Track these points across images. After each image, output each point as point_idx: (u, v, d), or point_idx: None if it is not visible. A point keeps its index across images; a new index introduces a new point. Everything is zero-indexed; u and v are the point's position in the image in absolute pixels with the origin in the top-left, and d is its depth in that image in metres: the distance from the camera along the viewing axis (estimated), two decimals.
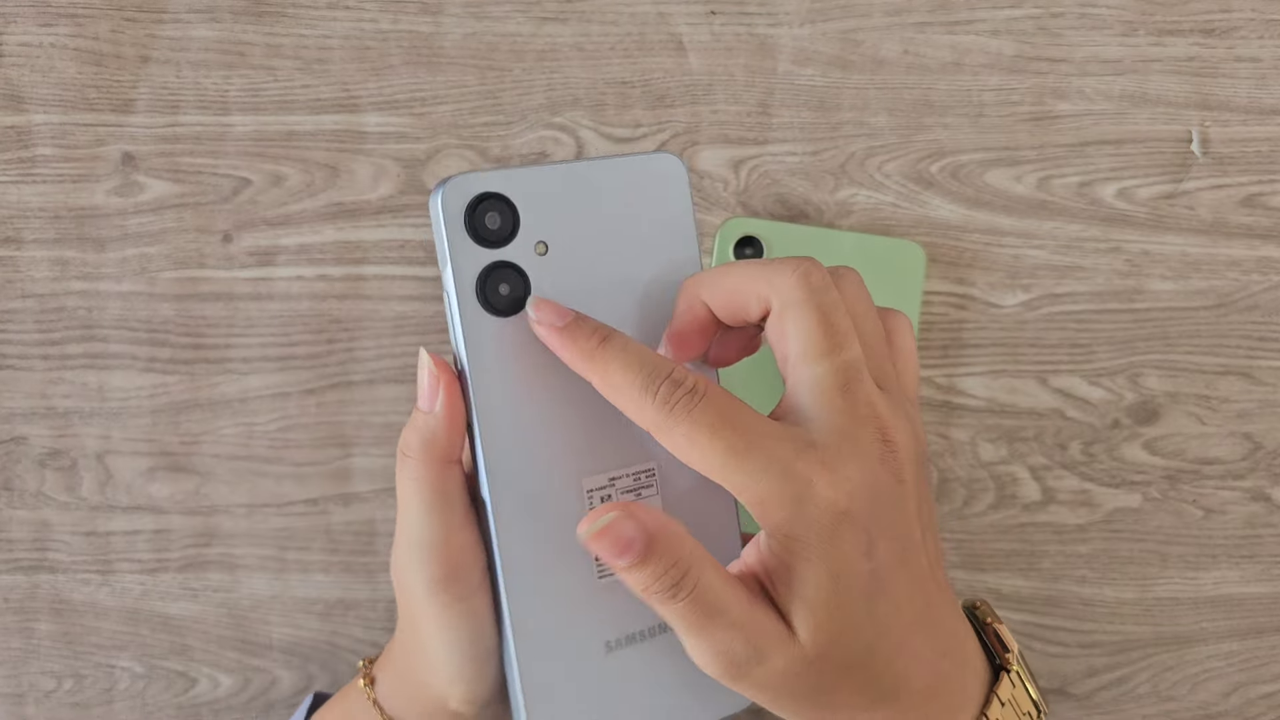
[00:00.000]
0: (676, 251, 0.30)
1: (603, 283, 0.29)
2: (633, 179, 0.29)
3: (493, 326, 0.28)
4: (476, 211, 0.28)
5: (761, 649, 0.25)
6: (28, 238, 0.42)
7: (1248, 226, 0.44)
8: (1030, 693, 0.30)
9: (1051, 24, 0.44)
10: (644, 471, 0.29)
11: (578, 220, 0.29)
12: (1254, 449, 0.44)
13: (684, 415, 0.26)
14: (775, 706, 0.27)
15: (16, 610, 0.43)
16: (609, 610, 0.29)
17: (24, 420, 0.43)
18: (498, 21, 0.43)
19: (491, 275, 0.28)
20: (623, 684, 0.29)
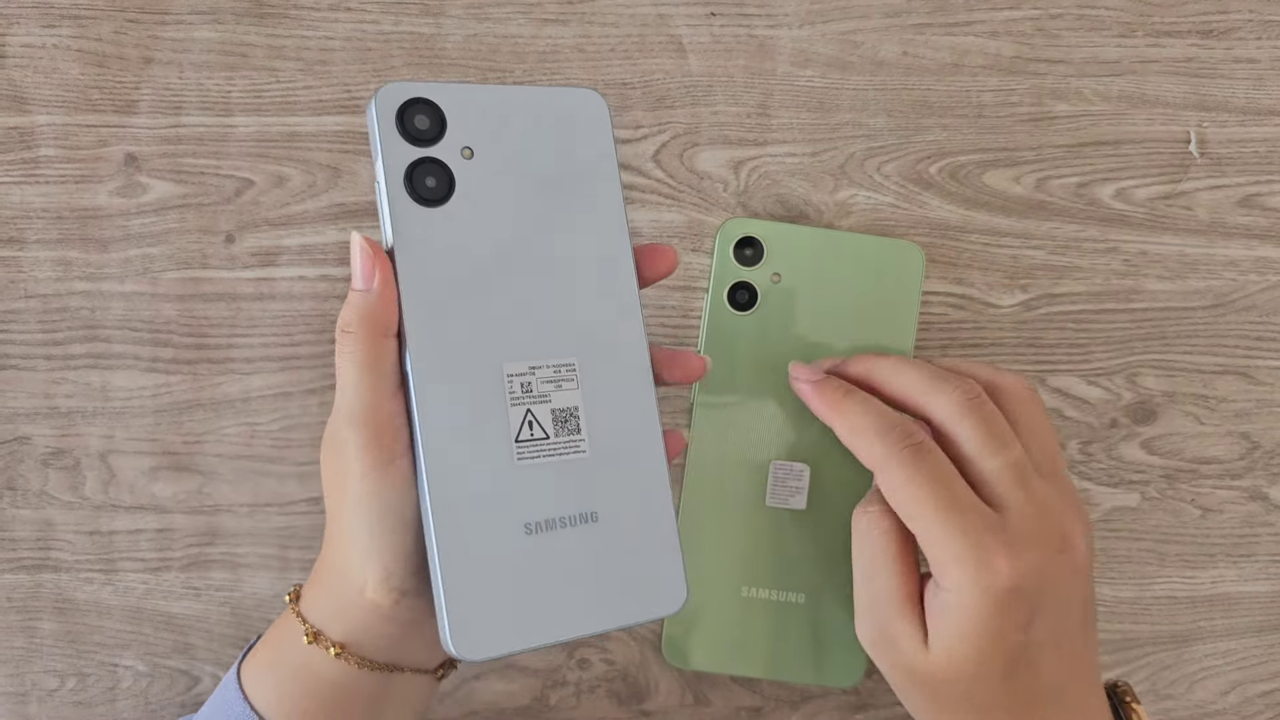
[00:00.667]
0: (600, 184, 0.32)
1: (527, 193, 0.31)
2: (557, 108, 0.32)
3: (420, 215, 0.30)
4: (407, 113, 0.30)
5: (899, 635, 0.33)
6: (31, 238, 0.43)
7: (1245, 227, 0.44)
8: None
9: (1050, 25, 0.44)
10: (564, 365, 0.31)
11: (503, 134, 0.31)
12: (1251, 448, 0.45)
13: (909, 461, 0.31)
14: (893, 686, 0.35)
15: (20, 609, 0.43)
16: (528, 493, 0.30)
17: (27, 420, 0.43)
18: (499, 23, 0.43)
19: (418, 169, 0.30)
20: (542, 568, 0.29)
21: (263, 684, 0.33)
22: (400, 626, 0.31)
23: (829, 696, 0.43)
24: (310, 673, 0.32)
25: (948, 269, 0.44)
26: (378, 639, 0.32)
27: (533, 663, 0.43)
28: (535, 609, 0.29)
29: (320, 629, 0.32)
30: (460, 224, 0.31)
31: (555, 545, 0.30)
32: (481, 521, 0.29)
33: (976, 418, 0.32)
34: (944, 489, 0.31)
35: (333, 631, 0.32)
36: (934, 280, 0.44)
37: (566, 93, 0.32)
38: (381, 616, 0.31)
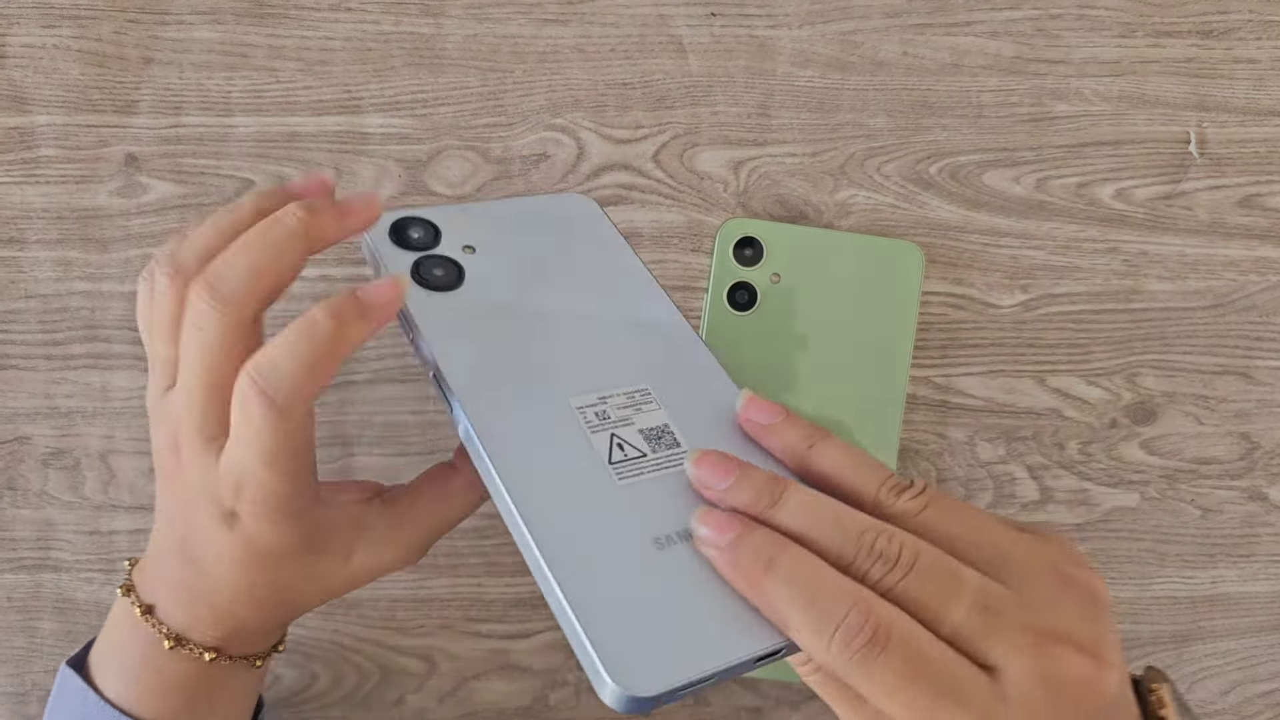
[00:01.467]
0: (627, 279, 0.32)
1: (538, 267, 0.31)
2: (548, 212, 0.33)
3: (436, 299, 0.30)
4: (400, 229, 0.31)
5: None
6: (31, 238, 0.43)
7: (1245, 227, 0.44)
8: None
9: (1050, 25, 0.44)
10: (637, 391, 0.30)
11: (500, 234, 0.32)
12: (1251, 448, 0.45)
13: (869, 662, 0.23)
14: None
15: (20, 609, 0.43)
16: (645, 509, 0.27)
17: (27, 420, 0.43)
18: (499, 23, 0.43)
19: (423, 264, 0.31)
20: (681, 580, 0.26)
21: (108, 674, 0.34)
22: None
23: None
24: (152, 664, 0.33)
25: (948, 269, 0.44)
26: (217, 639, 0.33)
27: (533, 663, 0.43)
28: (696, 627, 0.25)
29: (164, 620, 0.33)
30: (479, 300, 0.31)
31: (692, 558, 0.26)
32: (605, 547, 0.26)
33: (897, 596, 0.25)
34: (923, 682, 0.23)
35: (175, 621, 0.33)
36: (934, 280, 0.44)
37: (555, 199, 0.33)
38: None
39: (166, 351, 0.29)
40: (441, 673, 0.44)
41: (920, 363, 0.44)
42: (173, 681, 0.33)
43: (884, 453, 0.41)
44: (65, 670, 0.35)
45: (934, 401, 0.44)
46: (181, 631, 0.33)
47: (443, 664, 0.44)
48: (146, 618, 0.33)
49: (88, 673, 0.34)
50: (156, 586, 0.33)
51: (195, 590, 0.32)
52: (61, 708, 0.34)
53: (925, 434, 0.44)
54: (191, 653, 0.33)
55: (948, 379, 0.44)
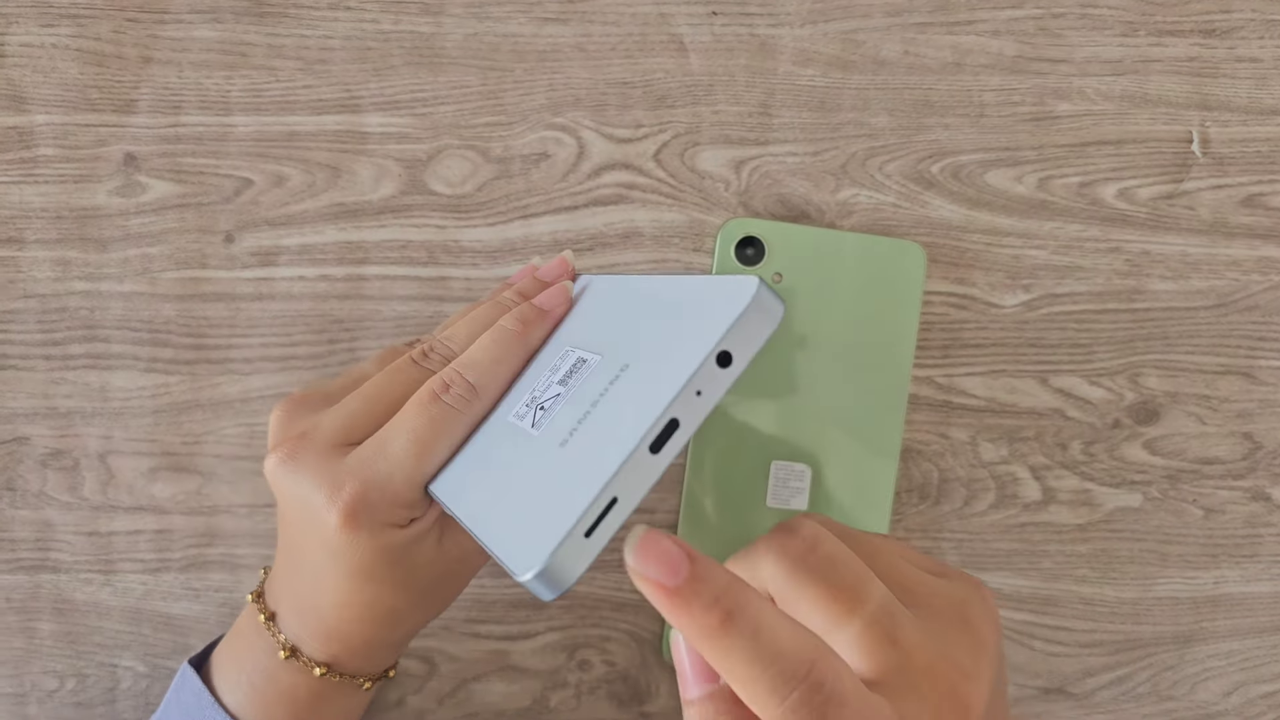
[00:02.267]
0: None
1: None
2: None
3: None
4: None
5: None
6: (30, 238, 0.42)
7: (1248, 227, 0.44)
8: None
9: (1052, 24, 0.44)
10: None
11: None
12: (1254, 449, 0.45)
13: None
14: None
15: (19, 610, 0.43)
16: (511, 404, 0.30)
17: (26, 420, 0.43)
18: (499, 22, 0.43)
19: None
20: (525, 453, 0.29)
21: (228, 682, 0.35)
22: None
23: None
24: (273, 678, 0.34)
25: (949, 269, 0.44)
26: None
27: (533, 664, 0.43)
28: (553, 487, 0.26)
29: (296, 644, 0.34)
30: None
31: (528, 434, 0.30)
32: (481, 456, 0.30)
33: (806, 580, 0.25)
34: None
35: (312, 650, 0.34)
36: (936, 280, 0.44)
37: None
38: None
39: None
40: (441, 674, 0.43)
41: (922, 363, 0.44)
42: (284, 693, 0.34)
43: (885, 456, 0.41)
44: (185, 668, 0.36)
45: (936, 401, 0.44)
46: (296, 643, 0.34)
47: (443, 665, 0.43)
48: (268, 625, 0.34)
49: (208, 671, 0.36)
50: (280, 595, 0.35)
51: (306, 601, 0.33)
52: (178, 704, 0.35)
53: (927, 434, 0.44)
54: (304, 665, 0.34)
55: (950, 379, 0.44)
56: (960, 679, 0.25)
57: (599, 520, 0.23)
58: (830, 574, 0.25)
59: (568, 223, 0.43)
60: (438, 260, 0.43)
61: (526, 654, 0.43)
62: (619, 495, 0.23)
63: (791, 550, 0.25)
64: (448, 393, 0.31)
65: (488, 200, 0.43)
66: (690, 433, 0.24)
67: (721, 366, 0.24)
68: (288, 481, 0.32)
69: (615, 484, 0.23)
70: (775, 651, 0.22)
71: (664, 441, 0.24)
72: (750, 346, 0.24)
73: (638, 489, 0.24)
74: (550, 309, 0.34)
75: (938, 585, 0.27)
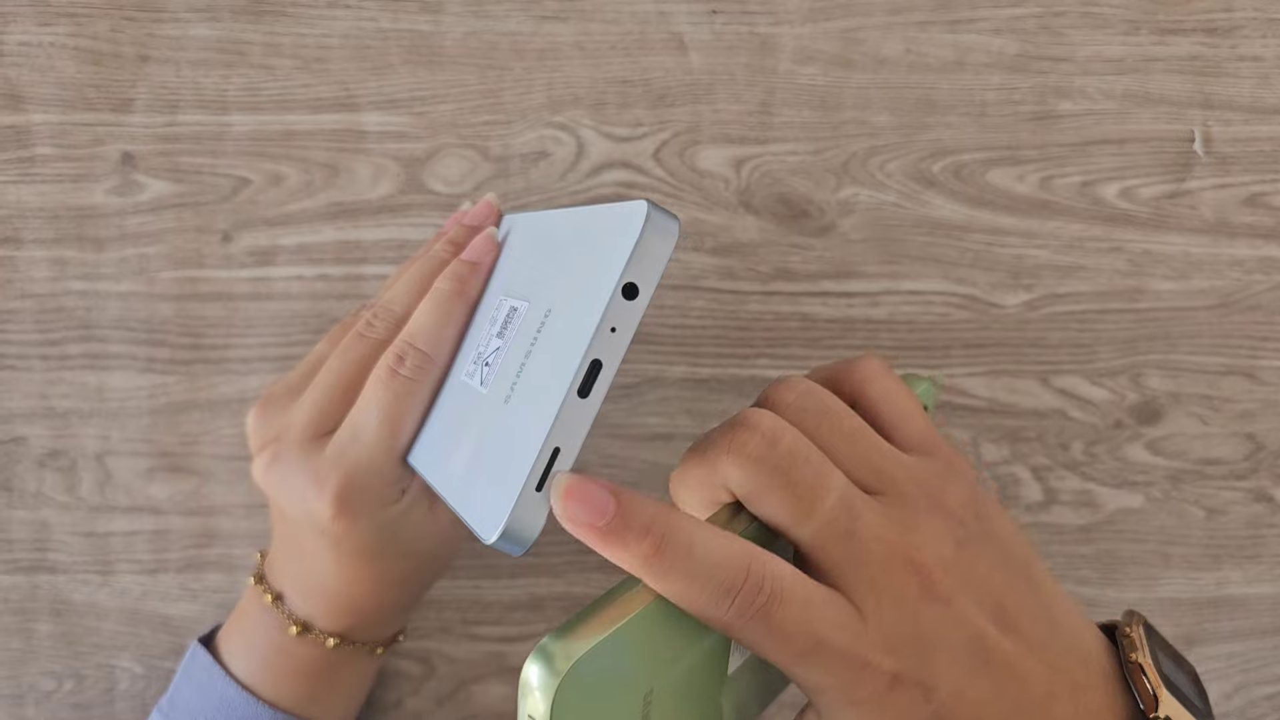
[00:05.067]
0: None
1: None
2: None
3: None
4: None
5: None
6: (27, 237, 0.42)
7: (1250, 226, 0.44)
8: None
9: (1054, 23, 0.43)
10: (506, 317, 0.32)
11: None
12: (1256, 449, 0.44)
13: (759, 622, 0.23)
14: None
15: (16, 611, 0.43)
16: (460, 369, 0.32)
17: (23, 421, 0.42)
18: (498, 20, 0.42)
19: None
20: (474, 415, 0.30)
21: (237, 655, 0.36)
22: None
23: None
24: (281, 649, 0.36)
25: (950, 268, 0.43)
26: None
27: None
28: (500, 448, 0.27)
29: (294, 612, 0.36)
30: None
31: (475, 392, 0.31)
32: (440, 428, 0.31)
33: (764, 479, 0.25)
34: (802, 636, 0.24)
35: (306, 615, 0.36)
36: (937, 279, 0.43)
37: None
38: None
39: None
40: (439, 675, 0.43)
41: (924, 363, 0.43)
42: (298, 666, 0.35)
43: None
44: (196, 646, 0.37)
45: (937, 402, 0.43)
46: (306, 619, 0.35)
47: (440, 667, 0.43)
48: (277, 604, 0.35)
49: (214, 651, 0.37)
50: (282, 578, 0.36)
51: (312, 584, 0.35)
52: (189, 683, 0.36)
53: None
54: (316, 639, 0.35)
55: (951, 379, 0.44)
56: (921, 559, 0.25)
57: (546, 472, 0.24)
58: (790, 471, 0.25)
59: None
60: None
61: (524, 655, 0.43)
62: (560, 445, 0.24)
63: (750, 448, 0.25)
64: (404, 365, 0.32)
65: None
66: (615, 368, 0.24)
67: (629, 299, 0.24)
68: (276, 484, 0.33)
69: (554, 435, 0.24)
70: (711, 565, 0.23)
71: (591, 384, 0.24)
72: (653, 272, 0.24)
73: (576, 435, 0.24)
74: (480, 260, 0.34)
75: (912, 467, 0.27)
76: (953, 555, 0.25)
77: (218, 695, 0.35)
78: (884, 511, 0.25)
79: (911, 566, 0.25)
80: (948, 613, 0.25)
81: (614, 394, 0.43)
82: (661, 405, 0.43)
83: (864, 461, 0.26)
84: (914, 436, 0.28)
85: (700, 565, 0.23)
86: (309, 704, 0.36)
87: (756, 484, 0.25)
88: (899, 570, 0.25)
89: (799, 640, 0.23)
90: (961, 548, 0.26)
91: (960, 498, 0.27)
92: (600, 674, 0.22)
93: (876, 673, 0.24)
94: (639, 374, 0.43)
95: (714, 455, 0.25)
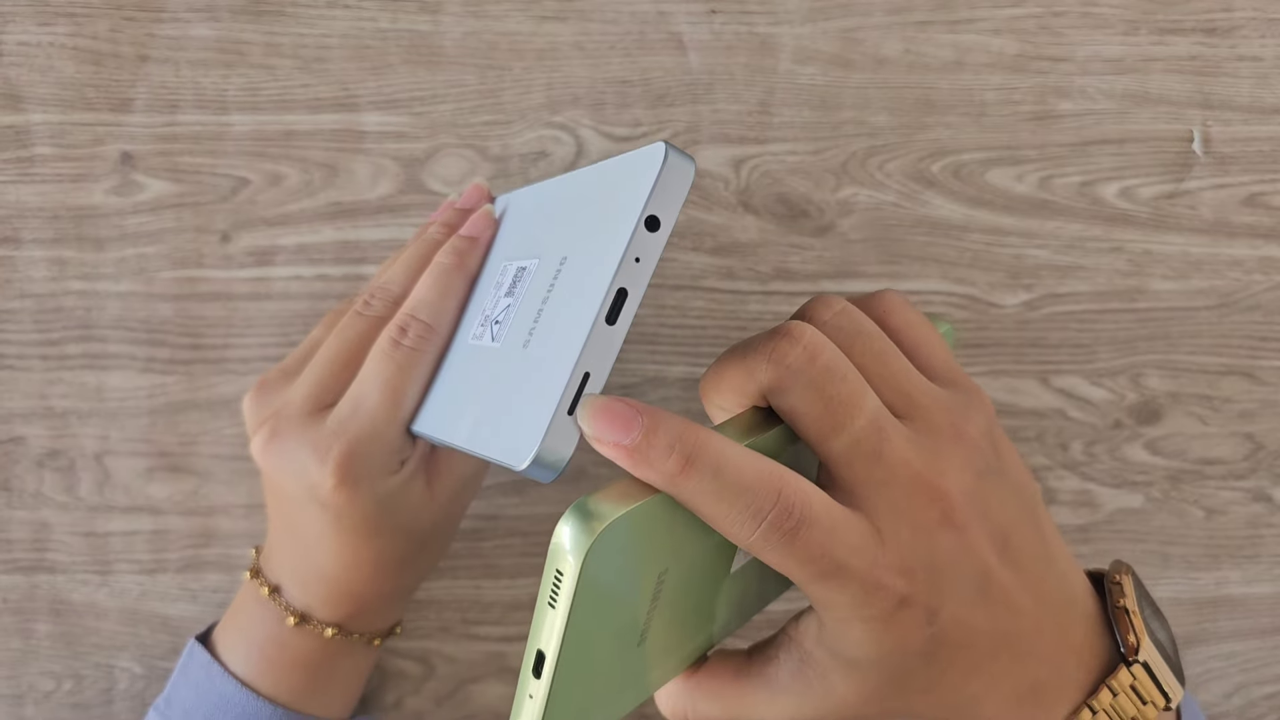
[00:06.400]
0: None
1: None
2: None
3: None
4: None
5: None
6: (26, 237, 0.42)
7: (1250, 226, 0.44)
8: (1161, 683, 0.28)
9: (1053, 23, 0.43)
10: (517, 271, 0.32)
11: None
12: (1256, 449, 0.44)
13: (785, 544, 0.24)
14: None
15: (15, 611, 0.43)
16: (469, 323, 0.33)
17: (22, 420, 0.42)
18: (497, 20, 0.42)
19: None
20: (491, 361, 0.30)
21: (235, 651, 0.36)
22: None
23: None
24: (278, 641, 0.36)
25: (950, 268, 0.43)
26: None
27: None
28: (526, 384, 0.27)
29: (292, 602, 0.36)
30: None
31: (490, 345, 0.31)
32: (453, 376, 0.32)
33: (800, 392, 0.25)
34: (825, 559, 0.24)
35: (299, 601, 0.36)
36: (936, 279, 0.43)
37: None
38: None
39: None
40: (439, 675, 0.43)
41: None
42: (295, 658, 0.36)
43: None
44: (193, 644, 0.37)
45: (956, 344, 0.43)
46: (304, 610, 0.35)
47: (440, 666, 0.43)
48: (274, 597, 0.35)
49: (211, 648, 0.37)
50: (280, 569, 0.36)
51: (311, 572, 0.35)
52: (186, 681, 0.36)
53: None
54: (314, 629, 0.35)
55: None
56: (944, 486, 0.25)
57: (577, 397, 0.24)
58: (827, 386, 0.25)
59: None
60: None
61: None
62: (590, 370, 0.24)
63: (790, 359, 0.25)
64: (406, 336, 0.32)
65: None
66: (639, 298, 0.25)
67: (651, 230, 0.24)
68: (276, 458, 0.33)
69: (585, 359, 0.24)
70: (740, 486, 0.23)
71: (618, 311, 0.24)
72: (673, 206, 0.25)
73: (604, 361, 0.24)
74: (479, 234, 0.34)
75: (939, 395, 0.27)
76: (972, 485, 0.26)
77: (215, 692, 0.35)
78: (911, 437, 0.26)
79: (934, 493, 0.25)
80: (961, 541, 0.26)
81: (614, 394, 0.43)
82: (661, 405, 0.43)
83: (894, 385, 0.27)
84: (938, 366, 0.28)
85: (729, 486, 0.23)
86: (307, 698, 0.36)
87: (793, 395, 0.25)
88: (921, 496, 0.25)
89: (820, 563, 0.24)
90: (981, 479, 0.26)
91: (981, 428, 0.27)
92: (627, 543, 0.23)
93: (888, 593, 0.24)
94: (639, 374, 0.43)
95: (753, 361, 0.26)
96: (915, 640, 0.25)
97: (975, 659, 0.26)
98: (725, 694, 0.28)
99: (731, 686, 0.28)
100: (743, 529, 0.23)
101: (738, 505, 0.23)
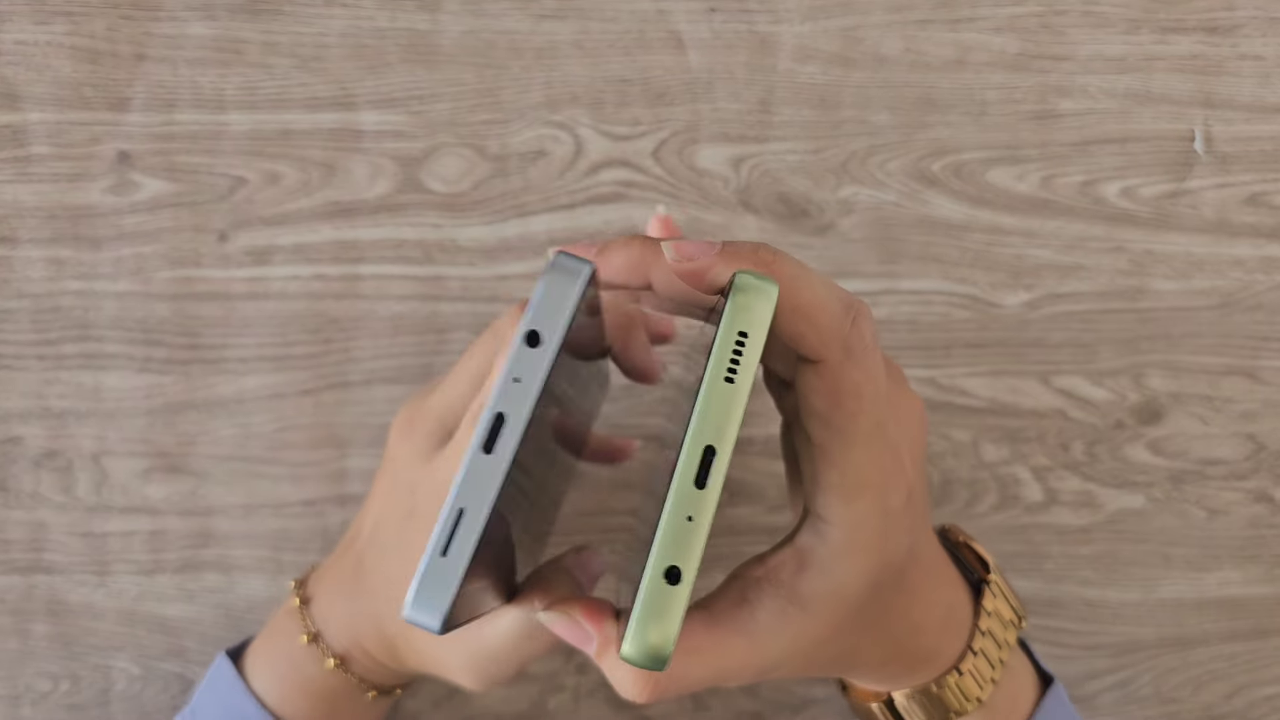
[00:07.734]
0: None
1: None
2: None
3: None
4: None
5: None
6: (23, 237, 0.42)
7: (1252, 225, 0.44)
8: (1010, 602, 0.32)
9: (1055, 21, 0.43)
10: None
11: None
12: (1257, 449, 0.44)
13: (870, 352, 0.23)
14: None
15: (13, 611, 0.42)
16: None
17: (20, 421, 0.42)
18: (495, 19, 0.42)
19: None
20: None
21: (263, 676, 0.36)
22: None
23: (830, 701, 0.43)
24: (302, 673, 0.35)
25: (950, 268, 0.43)
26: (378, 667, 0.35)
27: (531, 667, 0.43)
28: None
29: (331, 643, 0.35)
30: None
31: None
32: None
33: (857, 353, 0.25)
34: (878, 399, 0.24)
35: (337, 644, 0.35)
36: (937, 279, 0.43)
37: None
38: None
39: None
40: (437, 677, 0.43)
41: (925, 363, 0.43)
42: (301, 683, 0.35)
43: None
44: (221, 657, 0.37)
45: (937, 402, 0.43)
46: (321, 627, 0.35)
47: None
48: (301, 610, 0.35)
49: (243, 663, 0.36)
50: (321, 579, 0.35)
51: (364, 614, 0.34)
52: (210, 693, 0.36)
53: (929, 435, 0.43)
54: (321, 654, 0.35)
55: (951, 379, 0.43)
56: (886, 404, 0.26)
57: (452, 536, 0.23)
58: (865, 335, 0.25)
59: (565, 221, 0.43)
60: (434, 259, 0.43)
61: None
62: (465, 506, 0.23)
63: (867, 336, 0.25)
64: None
65: (484, 199, 0.43)
66: (521, 422, 0.23)
67: (531, 346, 0.23)
68: (390, 438, 0.32)
69: (461, 495, 0.23)
70: (828, 282, 0.23)
71: (495, 439, 0.23)
72: (557, 318, 0.23)
73: (483, 494, 0.23)
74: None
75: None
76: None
77: (237, 710, 0.35)
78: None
79: (888, 410, 0.26)
80: (899, 460, 0.27)
81: (614, 394, 0.43)
82: (661, 405, 0.43)
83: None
84: None
85: (819, 280, 0.23)
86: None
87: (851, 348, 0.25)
88: (887, 410, 0.25)
89: (875, 392, 0.24)
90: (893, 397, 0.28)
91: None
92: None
93: (906, 478, 0.26)
94: None
95: (851, 303, 0.24)
96: (900, 551, 0.27)
97: (919, 580, 0.29)
98: (703, 649, 0.26)
99: (706, 639, 0.26)
100: (835, 318, 0.23)
101: (833, 295, 0.23)
